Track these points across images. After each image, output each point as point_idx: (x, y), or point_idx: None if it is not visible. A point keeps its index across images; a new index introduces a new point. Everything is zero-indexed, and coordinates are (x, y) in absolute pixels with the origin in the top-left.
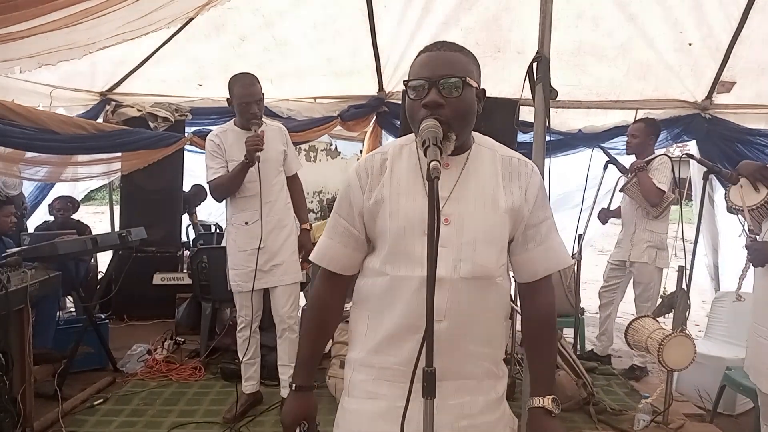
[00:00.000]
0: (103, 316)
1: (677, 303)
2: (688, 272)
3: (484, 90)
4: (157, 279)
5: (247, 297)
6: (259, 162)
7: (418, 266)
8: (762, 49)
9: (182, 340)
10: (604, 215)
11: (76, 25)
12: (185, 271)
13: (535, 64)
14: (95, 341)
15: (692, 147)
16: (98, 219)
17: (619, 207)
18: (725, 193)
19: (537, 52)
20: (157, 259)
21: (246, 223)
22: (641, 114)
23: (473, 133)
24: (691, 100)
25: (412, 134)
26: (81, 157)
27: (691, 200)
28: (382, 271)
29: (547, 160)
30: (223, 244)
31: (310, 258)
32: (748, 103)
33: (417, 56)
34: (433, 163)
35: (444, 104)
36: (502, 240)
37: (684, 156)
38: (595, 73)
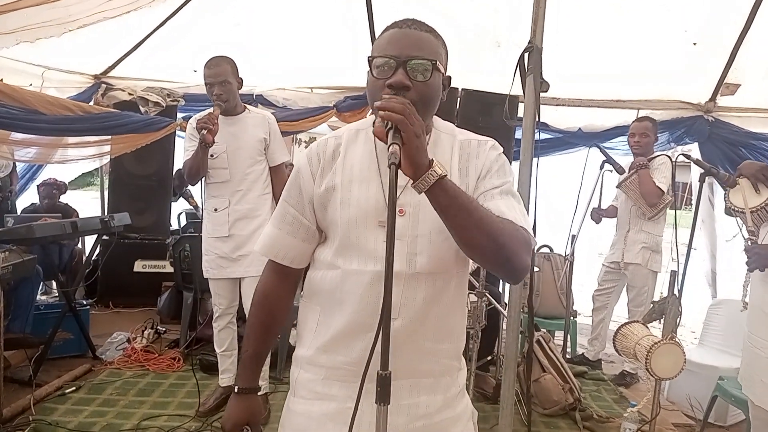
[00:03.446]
0: (84, 302)
1: (668, 309)
2: (680, 277)
3: (450, 77)
4: (138, 266)
5: (219, 284)
6: (210, 146)
7: (371, 260)
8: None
9: (164, 329)
10: (597, 215)
11: (56, 2)
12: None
13: (526, 55)
14: (75, 327)
15: (694, 149)
16: (96, 204)
17: (611, 206)
18: (725, 194)
19: (529, 42)
20: (143, 246)
21: (215, 210)
22: (642, 114)
23: (433, 117)
24: (694, 102)
25: (369, 118)
26: (71, 139)
27: (691, 205)
28: (333, 263)
29: (544, 159)
30: None
31: (255, 249)
32: (753, 107)
33: (384, 31)
34: (393, 146)
35: (410, 86)
36: None
37: (681, 157)
38: (596, 71)
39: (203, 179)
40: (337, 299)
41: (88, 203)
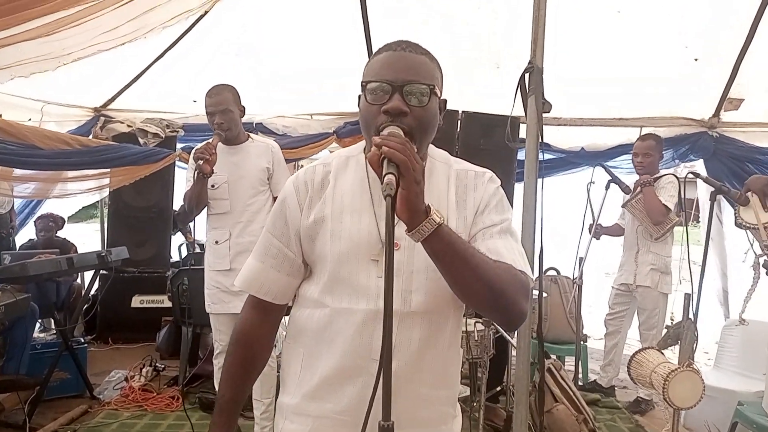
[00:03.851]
0: (82, 340)
1: (684, 334)
2: (695, 300)
3: (445, 101)
4: (136, 302)
5: (220, 320)
6: (208, 176)
7: (363, 297)
8: None
9: (162, 366)
10: (597, 231)
11: (50, 36)
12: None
13: (527, 76)
14: (72, 366)
15: (699, 166)
16: (99, 237)
17: (616, 225)
18: (735, 210)
19: (529, 62)
20: (143, 280)
21: (216, 242)
22: (645, 132)
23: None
24: (698, 118)
25: (359, 144)
26: (70, 173)
27: (699, 222)
28: (320, 301)
29: (548, 179)
30: None
31: (235, 283)
32: (757, 121)
33: (376, 54)
34: (388, 176)
35: (408, 112)
36: None
37: (690, 175)
38: (597, 90)
39: (207, 209)
40: (324, 340)
41: (90, 236)
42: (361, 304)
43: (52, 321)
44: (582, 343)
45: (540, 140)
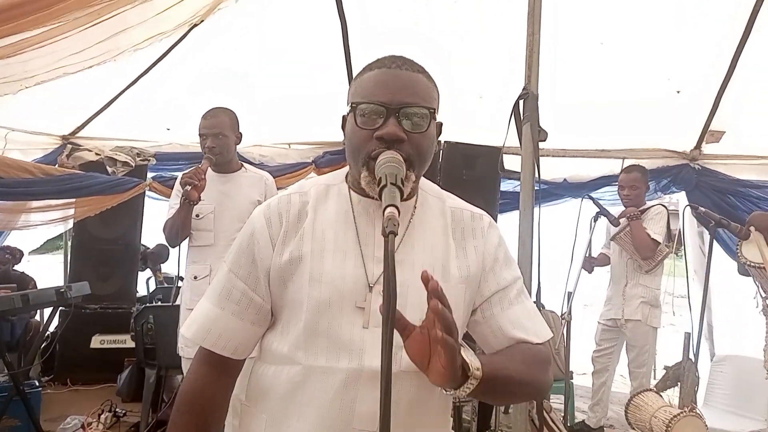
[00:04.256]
0: (36, 383)
1: (684, 375)
2: (695, 339)
3: (441, 124)
4: (96, 342)
5: None
6: (194, 203)
7: (345, 353)
8: (751, 98)
9: (123, 412)
10: (589, 264)
11: (10, 58)
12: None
13: (521, 102)
14: (24, 412)
15: (681, 198)
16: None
17: (602, 254)
18: (737, 250)
19: (524, 88)
20: (107, 316)
21: (195, 278)
22: (627, 164)
23: None
24: (680, 150)
25: (340, 171)
26: (34, 203)
27: (680, 254)
28: (291, 357)
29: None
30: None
31: (182, 331)
32: (738, 154)
33: (366, 70)
34: (390, 210)
35: (405, 139)
36: (456, 321)
37: (689, 207)
38: (579, 121)
39: (188, 240)
40: (294, 405)
41: (56, 268)
42: (343, 361)
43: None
44: (566, 380)
45: (537, 171)
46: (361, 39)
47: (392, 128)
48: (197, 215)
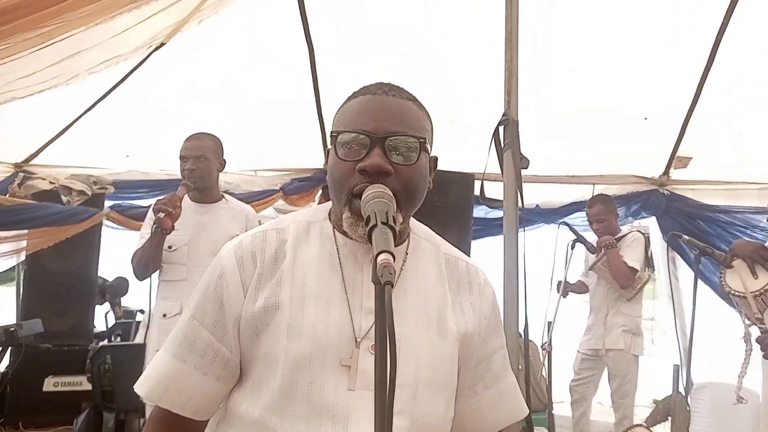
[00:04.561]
0: None
1: (676, 411)
2: (684, 371)
3: (435, 158)
4: (50, 385)
5: None
6: (167, 232)
7: (328, 419)
8: (717, 124)
9: None
10: (564, 289)
11: None
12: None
13: (501, 129)
14: None
15: (652, 223)
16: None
17: (579, 281)
18: (720, 278)
19: (504, 114)
20: (61, 355)
21: (164, 316)
22: (598, 190)
23: None
24: (649, 176)
25: (322, 207)
26: None
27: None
28: (263, 423)
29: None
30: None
31: (135, 388)
32: (705, 179)
33: (351, 98)
34: (384, 257)
35: (391, 171)
36: (452, 382)
37: (673, 235)
38: (549, 147)
39: (158, 274)
40: None
41: (7, 303)
42: (325, 427)
43: None
44: (548, 411)
45: (520, 201)
46: (329, 63)
47: (377, 159)
48: (170, 246)
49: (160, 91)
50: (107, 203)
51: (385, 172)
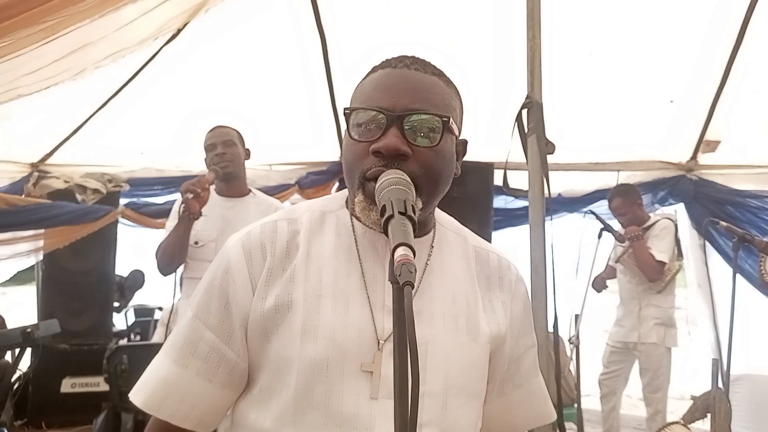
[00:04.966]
0: (6, 430)
1: (716, 407)
2: (725, 364)
3: (465, 142)
4: (67, 386)
5: None
6: (195, 217)
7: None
8: (746, 106)
9: None
10: (599, 283)
11: None
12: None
13: (524, 112)
14: None
15: (680, 210)
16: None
17: (609, 267)
18: (760, 265)
19: (527, 97)
20: (81, 354)
21: None
22: (623, 177)
23: None
24: (675, 161)
25: (338, 195)
26: (1, 236)
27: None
28: None
29: (525, 228)
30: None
31: (131, 397)
32: (734, 164)
33: (369, 73)
34: (402, 251)
35: (409, 154)
36: (483, 389)
37: (709, 221)
38: (571, 134)
39: (182, 271)
40: None
41: (29, 302)
42: None
43: None
44: (576, 405)
45: (547, 189)
46: (342, 54)
47: (393, 139)
48: (196, 242)
49: (173, 85)
50: (122, 201)
51: (402, 155)
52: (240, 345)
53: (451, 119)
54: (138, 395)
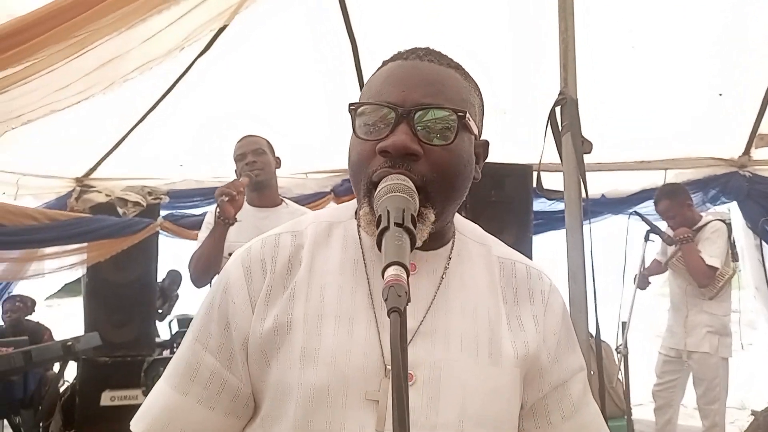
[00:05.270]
0: None
1: None
2: None
3: (486, 143)
4: (107, 399)
5: None
6: (230, 223)
7: None
8: None
9: None
10: (643, 281)
11: None
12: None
13: (558, 109)
14: None
15: (733, 209)
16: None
17: (654, 261)
18: None
19: (560, 93)
20: (123, 366)
21: None
22: (670, 175)
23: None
24: (727, 157)
25: (348, 204)
26: (48, 250)
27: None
28: None
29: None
30: None
31: (132, 425)
32: None
33: (381, 67)
34: (392, 271)
35: (420, 153)
36: (511, 418)
37: (767, 220)
38: (615, 131)
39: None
40: None
41: (77, 314)
42: None
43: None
44: (626, 417)
45: (584, 190)
46: (372, 57)
47: (401, 137)
48: (229, 254)
49: (210, 95)
50: (162, 213)
51: (411, 154)
52: (242, 370)
53: (468, 115)
54: (138, 424)
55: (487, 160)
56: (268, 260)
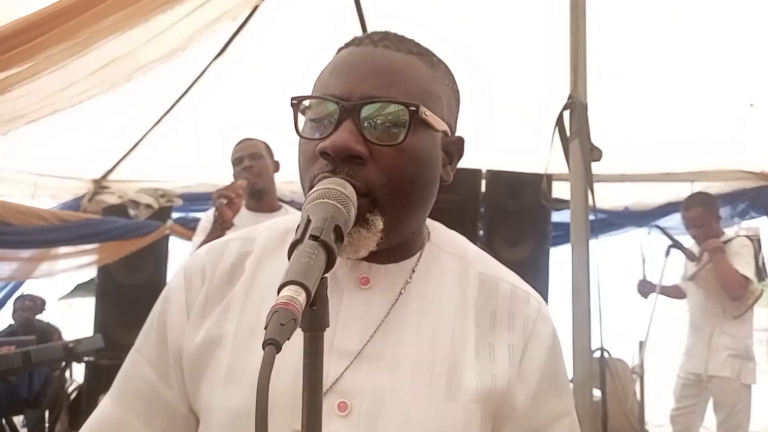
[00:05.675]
0: None
1: None
2: None
3: (460, 140)
4: None
5: None
6: (228, 226)
7: None
8: None
9: None
10: (645, 288)
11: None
12: None
13: (566, 114)
14: None
15: (763, 224)
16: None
17: (676, 286)
18: None
19: (569, 97)
20: None
21: None
22: (697, 188)
23: (430, 222)
24: (757, 171)
25: None
26: (61, 250)
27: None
28: None
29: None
30: None
31: None
32: None
33: (336, 53)
34: (286, 292)
35: (365, 156)
36: None
37: None
38: (640, 141)
39: None
40: None
41: (89, 315)
42: None
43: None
44: None
45: (591, 200)
46: None
47: (342, 136)
48: None
49: (226, 99)
50: (175, 215)
51: (354, 156)
52: (176, 385)
53: (425, 109)
54: None
55: (504, 169)
56: (208, 268)
